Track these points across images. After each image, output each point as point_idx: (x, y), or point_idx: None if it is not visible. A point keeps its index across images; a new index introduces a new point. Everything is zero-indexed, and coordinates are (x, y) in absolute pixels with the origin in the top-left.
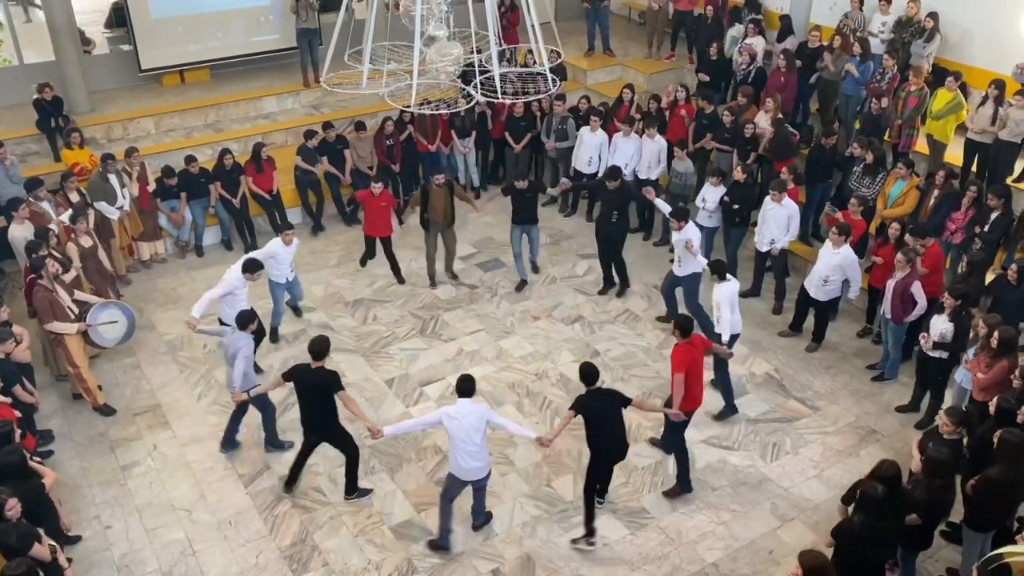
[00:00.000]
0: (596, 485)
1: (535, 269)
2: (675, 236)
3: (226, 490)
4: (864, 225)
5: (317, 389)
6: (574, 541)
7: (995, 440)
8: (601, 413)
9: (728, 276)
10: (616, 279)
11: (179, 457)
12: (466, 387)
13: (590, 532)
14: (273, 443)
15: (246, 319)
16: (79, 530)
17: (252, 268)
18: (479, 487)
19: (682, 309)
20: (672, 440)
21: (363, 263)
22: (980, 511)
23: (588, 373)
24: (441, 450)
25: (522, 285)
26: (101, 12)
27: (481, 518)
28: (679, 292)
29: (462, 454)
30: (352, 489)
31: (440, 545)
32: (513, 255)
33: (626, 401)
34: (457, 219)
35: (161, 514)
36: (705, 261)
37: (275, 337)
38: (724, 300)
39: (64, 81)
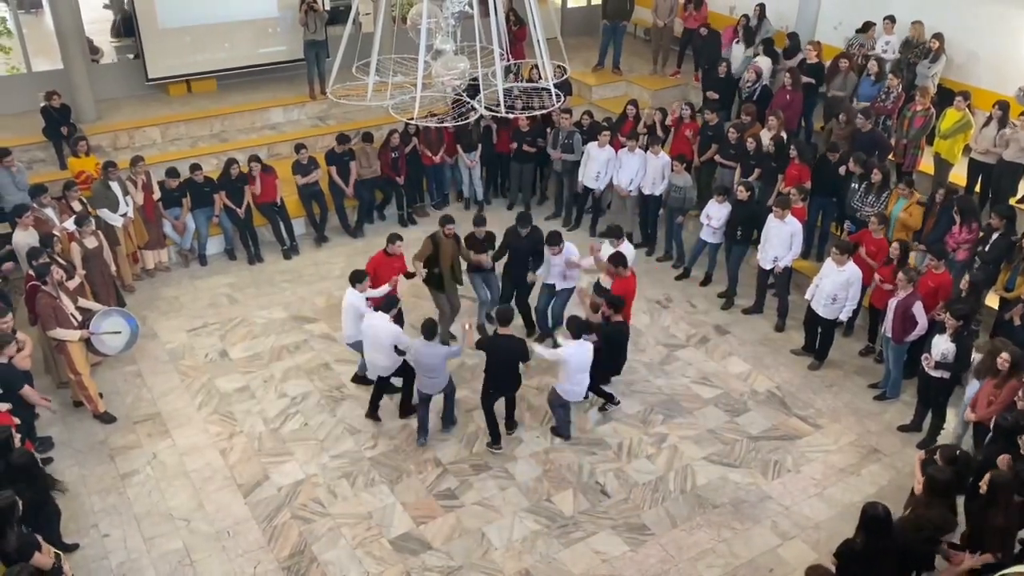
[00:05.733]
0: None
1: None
2: (554, 259)
3: (225, 500)
4: (887, 244)
5: (508, 353)
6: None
7: (985, 484)
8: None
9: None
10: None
11: (178, 466)
12: (580, 329)
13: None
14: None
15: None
16: (77, 538)
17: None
18: (574, 404)
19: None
20: None
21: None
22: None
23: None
24: (441, 463)
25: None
26: (109, 21)
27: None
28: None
29: (573, 382)
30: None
31: (560, 433)
32: (477, 303)
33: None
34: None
35: (159, 523)
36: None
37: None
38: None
39: (71, 89)
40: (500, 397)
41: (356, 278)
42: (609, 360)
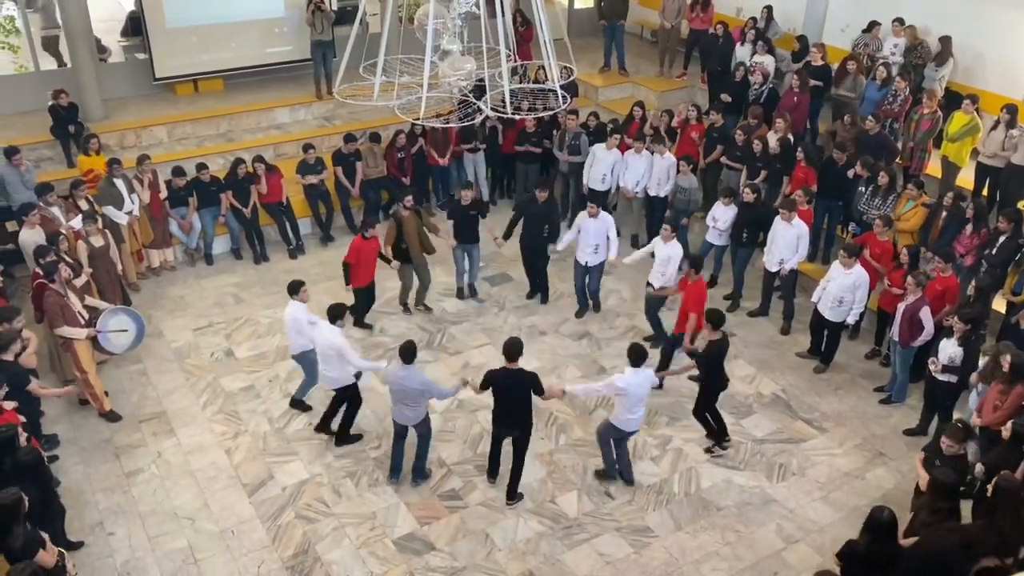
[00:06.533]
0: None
1: (473, 292)
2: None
3: (229, 499)
4: (892, 247)
5: (518, 389)
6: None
7: (991, 487)
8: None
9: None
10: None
11: (183, 465)
12: (640, 357)
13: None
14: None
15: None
16: (82, 536)
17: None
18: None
19: None
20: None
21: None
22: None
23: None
24: (445, 463)
25: (461, 293)
26: (117, 20)
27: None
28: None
29: (631, 412)
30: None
31: (608, 475)
32: (456, 272)
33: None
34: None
35: (164, 522)
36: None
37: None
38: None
39: (79, 88)
40: (508, 436)
41: (293, 289)
42: (716, 378)
